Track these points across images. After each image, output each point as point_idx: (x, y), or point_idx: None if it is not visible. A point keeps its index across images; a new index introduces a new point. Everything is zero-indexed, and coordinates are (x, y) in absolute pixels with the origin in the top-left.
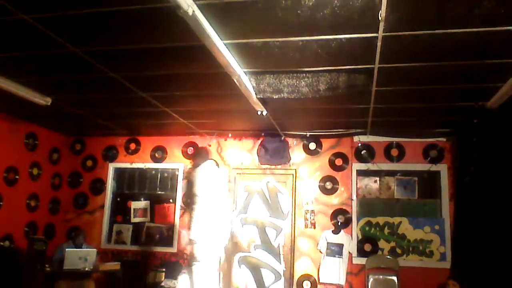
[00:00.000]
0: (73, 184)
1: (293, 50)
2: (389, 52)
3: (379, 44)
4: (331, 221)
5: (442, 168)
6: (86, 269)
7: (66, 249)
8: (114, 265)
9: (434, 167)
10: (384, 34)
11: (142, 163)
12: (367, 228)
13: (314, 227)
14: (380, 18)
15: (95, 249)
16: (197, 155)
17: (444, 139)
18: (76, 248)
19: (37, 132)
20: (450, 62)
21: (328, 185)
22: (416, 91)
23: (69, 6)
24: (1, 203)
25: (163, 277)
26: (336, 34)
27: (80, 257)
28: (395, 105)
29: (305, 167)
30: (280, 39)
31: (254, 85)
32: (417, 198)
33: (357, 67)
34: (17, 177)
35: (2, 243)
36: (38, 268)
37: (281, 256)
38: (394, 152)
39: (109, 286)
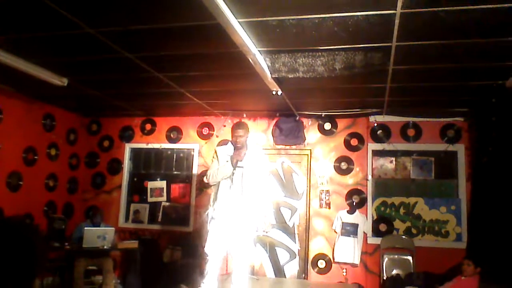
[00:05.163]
0: (91, 164)
1: (309, 28)
2: (407, 30)
3: (397, 21)
4: (346, 201)
5: (459, 148)
6: (105, 247)
7: (85, 228)
8: (132, 244)
9: (451, 147)
10: (402, 10)
11: (158, 143)
12: (382, 208)
13: (329, 207)
14: None
15: (113, 228)
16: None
17: (462, 119)
18: (94, 227)
19: (54, 113)
20: (468, 40)
21: (343, 165)
22: (433, 70)
23: None
24: (21, 183)
25: (180, 255)
26: (353, 11)
27: (99, 235)
28: (412, 84)
29: (320, 147)
30: (295, 17)
31: (269, 64)
32: (434, 178)
33: (374, 45)
34: (35, 157)
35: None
36: (58, 246)
37: (296, 236)
38: (411, 132)
39: (127, 264)
